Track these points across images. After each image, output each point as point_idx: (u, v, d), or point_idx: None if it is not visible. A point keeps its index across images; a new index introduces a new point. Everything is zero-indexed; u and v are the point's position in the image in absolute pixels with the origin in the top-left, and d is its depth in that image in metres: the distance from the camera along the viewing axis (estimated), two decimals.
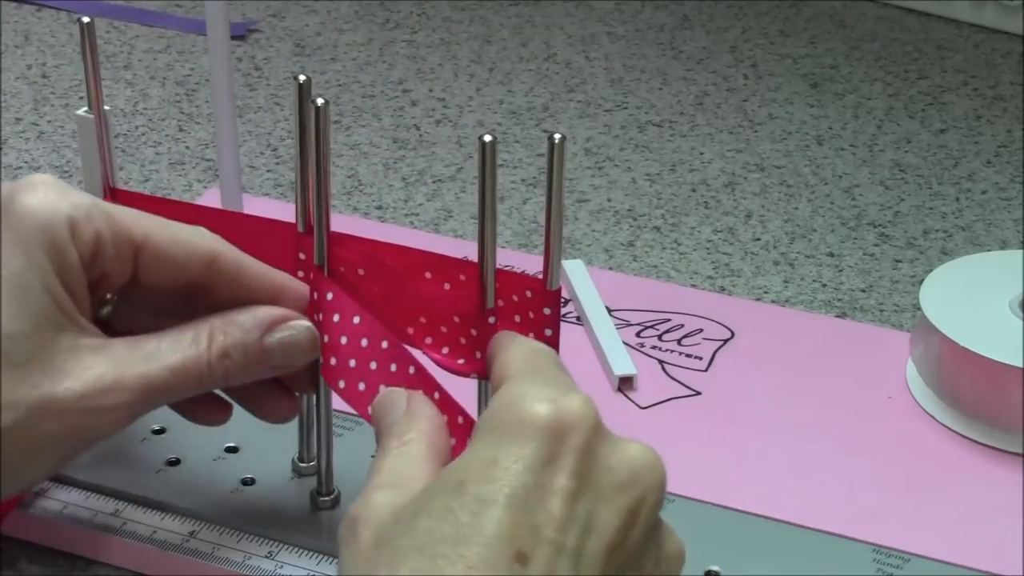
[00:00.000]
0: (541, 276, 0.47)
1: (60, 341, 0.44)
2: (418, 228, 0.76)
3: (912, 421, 0.61)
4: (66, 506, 0.54)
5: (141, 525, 0.53)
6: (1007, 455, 0.59)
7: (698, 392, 0.62)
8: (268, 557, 0.52)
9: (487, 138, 0.45)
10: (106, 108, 0.55)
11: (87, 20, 0.52)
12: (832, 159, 0.85)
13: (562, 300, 0.54)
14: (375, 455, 0.44)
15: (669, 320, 0.67)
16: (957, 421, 0.60)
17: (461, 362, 0.49)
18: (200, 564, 0.52)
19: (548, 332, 0.48)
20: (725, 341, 0.65)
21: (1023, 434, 0.59)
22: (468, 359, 0.49)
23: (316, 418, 0.53)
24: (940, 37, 1.02)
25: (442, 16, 1.04)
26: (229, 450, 0.57)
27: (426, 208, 0.78)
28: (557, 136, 0.45)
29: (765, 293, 0.72)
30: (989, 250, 0.75)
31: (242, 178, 0.71)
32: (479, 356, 0.48)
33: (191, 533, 0.53)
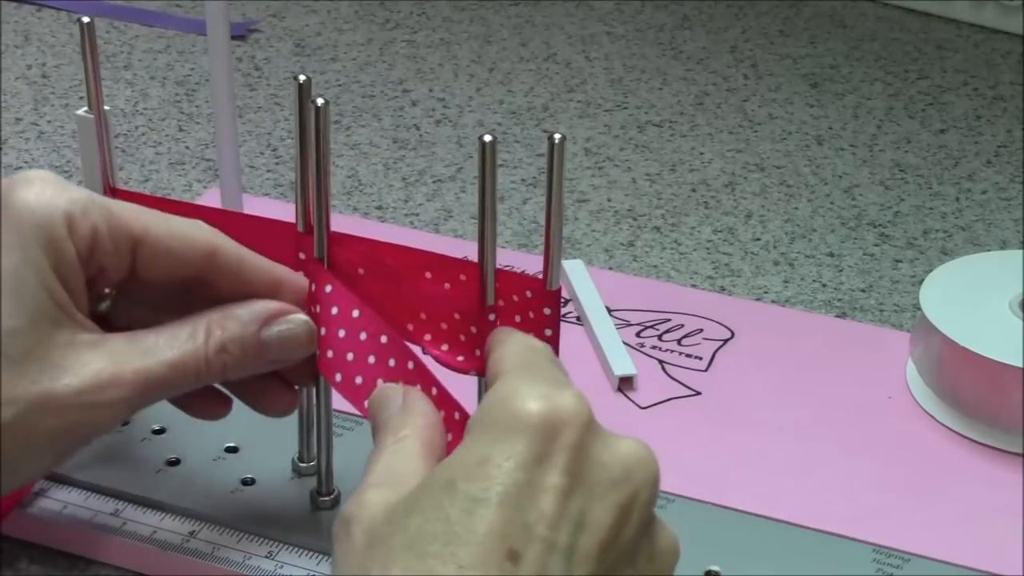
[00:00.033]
0: (541, 276, 0.47)
1: (57, 337, 0.44)
2: (418, 228, 0.76)
3: (912, 421, 0.61)
4: (66, 506, 0.54)
5: (141, 525, 0.53)
6: (1007, 455, 0.59)
7: (698, 392, 0.62)
8: (268, 557, 0.52)
9: (487, 138, 0.45)
10: (106, 108, 0.55)
11: (87, 20, 0.52)
12: (832, 159, 0.85)
13: (562, 300, 0.54)
14: (371, 452, 0.44)
15: (669, 320, 0.67)
16: (957, 421, 0.60)
17: (461, 359, 0.49)
18: (200, 564, 0.52)
19: (548, 332, 0.48)
20: (725, 341, 0.65)
21: (1023, 434, 0.59)
22: (468, 356, 0.49)
23: (316, 418, 0.53)
24: (940, 37, 1.02)
25: (442, 16, 1.04)
26: (229, 450, 0.57)
27: (426, 208, 0.78)
28: (557, 136, 0.45)
29: (765, 293, 0.72)
30: (989, 250, 0.75)
31: (242, 178, 0.71)
32: (479, 354, 0.48)
33: (191, 533, 0.53)
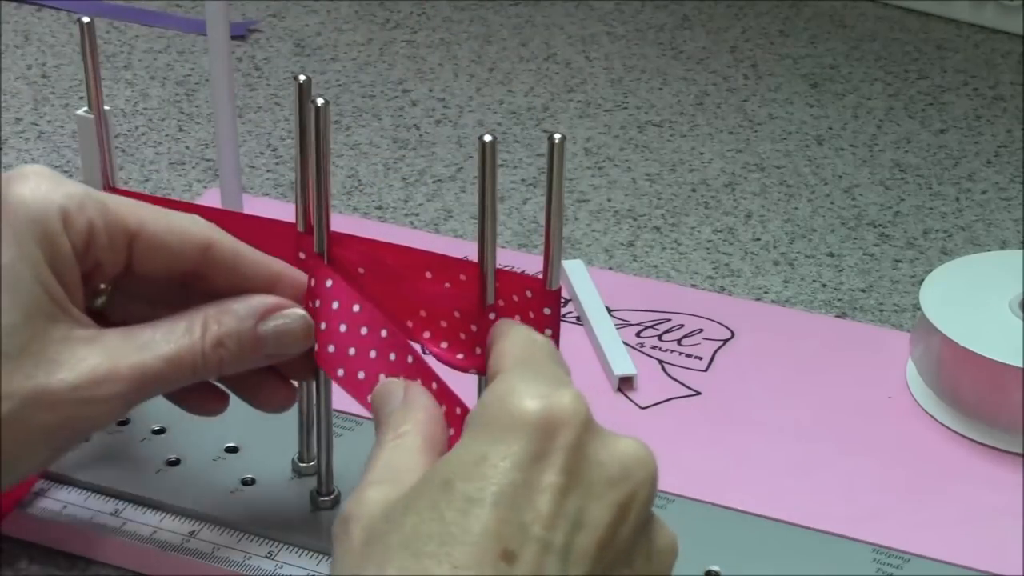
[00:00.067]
0: (541, 276, 0.47)
1: (53, 332, 0.44)
2: (418, 228, 0.76)
3: (912, 421, 0.61)
4: (66, 506, 0.54)
5: (141, 525, 0.53)
6: (1007, 455, 0.59)
7: (698, 392, 0.62)
8: (268, 557, 0.52)
9: (487, 138, 0.45)
10: (106, 108, 0.55)
11: (87, 20, 0.52)
12: (832, 159, 0.85)
13: (562, 300, 0.54)
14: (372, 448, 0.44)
15: (669, 320, 0.67)
16: (957, 421, 0.60)
17: (460, 357, 0.49)
18: (200, 564, 0.52)
19: (548, 332, 0.48)
20: (725, 341, 0.65)
21: (1023, 434, 0.59)
22: (467, 354, 0.49)
23: (316, 418, 0.53)
24: (940, 37, 1.02)
25: (442, 16, 1.04)
26: (229, 450, 0.57)
27: (426, 208, 0.78)
28: (557, 136, 0.45)
29: (765, 293, 0.72)
30: (989, 250, 0.75)
31: (242, 178, 0.71)
32: (479, 352, 0.48)
33: (191, 533, 0.53)
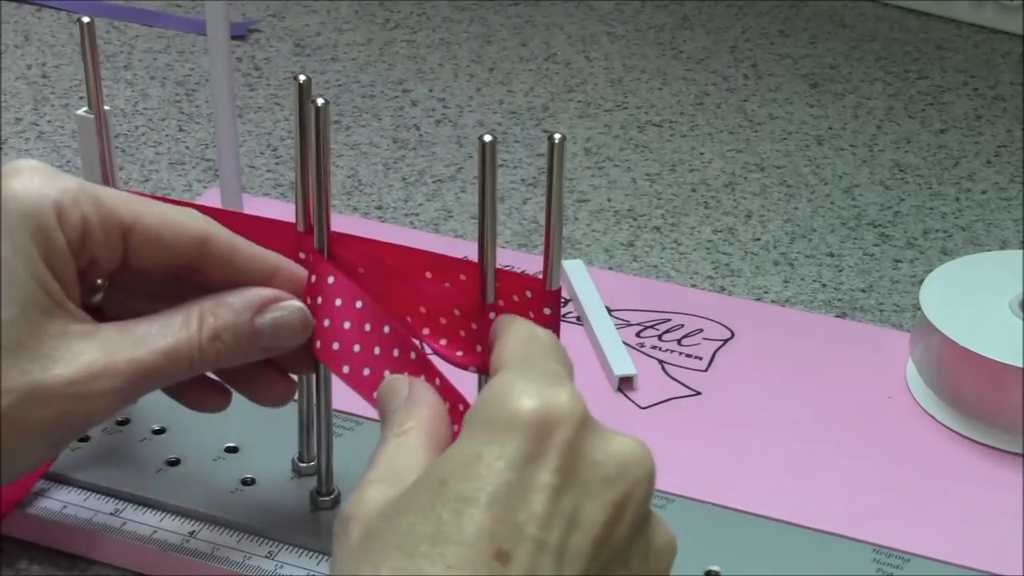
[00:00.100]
0: (541, 276, 0.47)
1: (48, 328, 0.44)
2: (418, 228, 0.76)
3: (912, 421, 0.61)
4: (66, 506, 0.54)
5: (141, 525, 0.53)
6: (1007, 455, 0.59)
7: (698, 392, 0.62)
8: (268, 557, 0.52)
9: (487, 138, 0.45)
10: (106, 108, 0.55)
11: (87, 20, 0.52)
12: (832, 159, 0.85)
13: (562, 300, 0.54)
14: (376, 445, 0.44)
15: (669, 320, 0.67)
16: (957, 421, 0.60)
17: (460, 354, 0.49)
18: (200, 564, 0.52)
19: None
20: (725, 341, 0.65)
21: (1023, 434, 0.59)
22: (467, 352, 0.49)
23: (316, 418, 0.53)
24: (940, 37, 1.02)
25: (442, 16, 1.04)
26: (229, 450, 0.57)
27: (426, 208, 0.78)
28: (557, 136, 0.45)
29: (765, 293, 0.72)
30: (989, 250, 0.75)
31: (242, 178, 0.71)
32: (479, 350, 0.48)
33: (191, 533, 0.53)
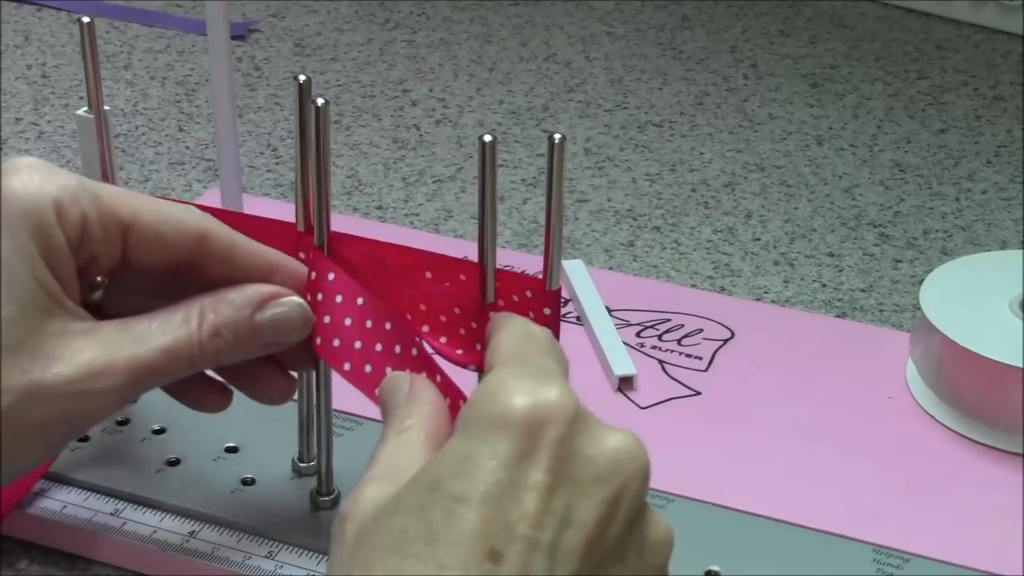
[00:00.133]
0: (541, 276, 0.47)
1: (48, 326, 0.44)
2: (418, 228, 0.76)
3: (912, 421, 0.61)
4: (66, 506, 0.54)
5: (141, 525, 0.53)
6: (1007, 455, 0.59)
7: (698, 392, 0.62)
8: (268, 557, 0.52)
9: (487, 138, 0.45)
10: (106, 108, 0.55)
11: (87, 20, 0.52)
12: (832, 159, 0.85)
13: (562, 300, 0.54)
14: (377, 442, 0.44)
15: (669, 320, 0.67)
16: (957, 421, 0.60)
17: (460, 352, 0.49)
18: (200, 564, 0.52)
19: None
20: (725, 341, 0.65)
21: (1023, 434, 0.59)
22: (467, 350, 0.49)
23: (316, 418, 0.53)
24: (940, 37, 1.02)
25: (442, 16, 1.04)
26: (229, 450, 0.57)
27: (426, 208, 0.78)
28: (557, 136, 0.45)
29: (765, 293, 0.72)
30: (989, 250, 0.75)
31: (242, 178, 0.71)
32: (478, 348, 0.48)
33: (191, 533, 0.53)
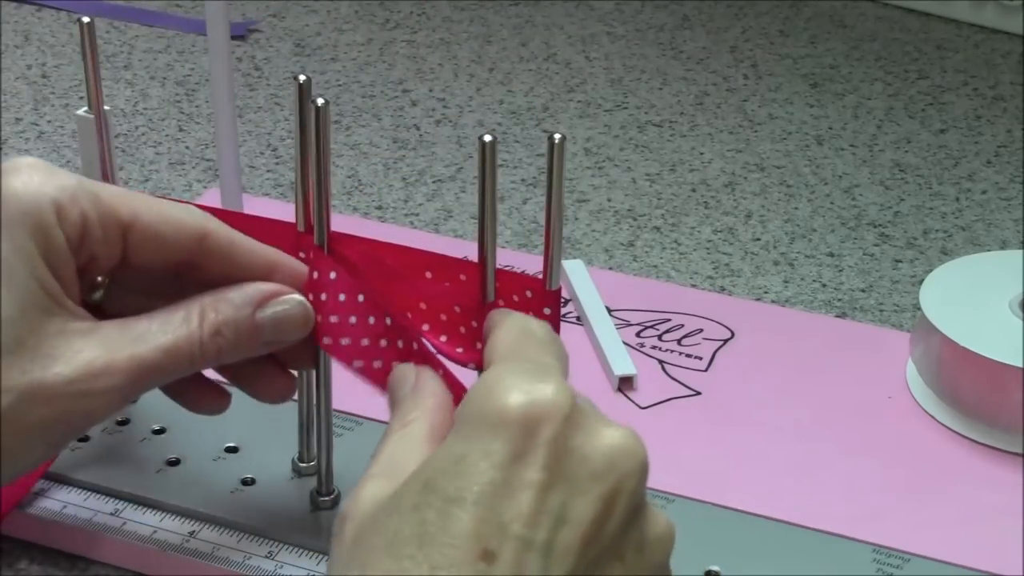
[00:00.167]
0: (541, 276, 0.47)
1: (48, 326, 0.43)
2: (418, 228, 0.76)
3: (912, 421, 0.61)
4: (66, 506, 0.54)
5: (141, 525, 0.53)
6: (1007, 455, 0.59)
7: (698, 392, 0.62)
8: (268, 557, 0.52)
9: (487, 138, 0.45)
10: (106, 108, 0.55)
11: (87, 20, 0.52)
12: (832, 159, 0.85)
13: (562, 300, 0.54)
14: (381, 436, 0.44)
15: (669, 320, 0.67)
16: (957, 421, 0.60)
17: (460, 351, 0.49)
18: (200, 564, 0.52)
19: None
20: (725, 341, 0.65)
21: (1023, 434, 0.59)
22: (467, 349, 0.49)
23: (316, 418, 0.53)
24: (940, 37, 1.02)
25: (442, 16, 1.04)
26: (229, 450, 0.57)
27: (426, 208, 0.78)
28: (557, 136, 0.45)
29: (765, 293, 0.72)
30: (989, 250, 0.75)
31: (242, 178, 0.71)
32: (479, 347, 0.48)
33: (191, 533, 0.53)
